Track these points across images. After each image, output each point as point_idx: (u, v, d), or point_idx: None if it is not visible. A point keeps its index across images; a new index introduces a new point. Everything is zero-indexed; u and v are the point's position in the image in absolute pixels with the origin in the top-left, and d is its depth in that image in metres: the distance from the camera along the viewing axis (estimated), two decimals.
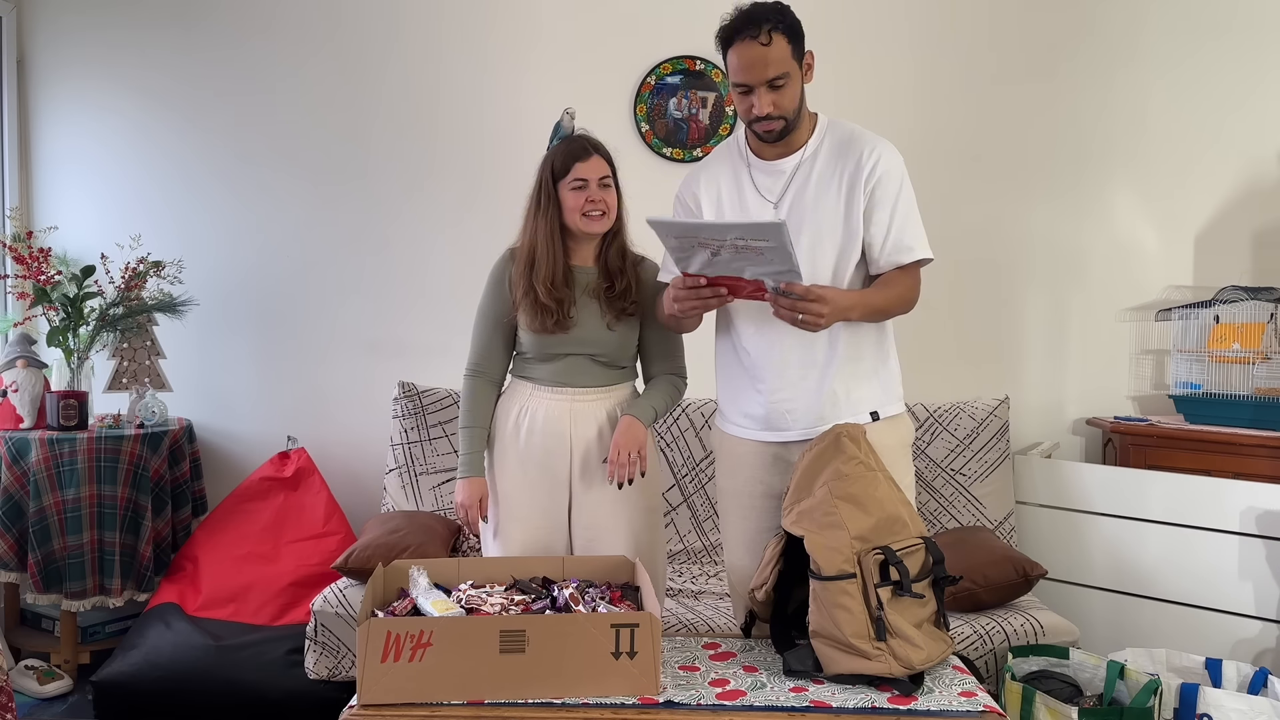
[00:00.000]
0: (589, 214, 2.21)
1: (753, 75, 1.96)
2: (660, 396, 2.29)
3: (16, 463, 3.13)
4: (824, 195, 2.05)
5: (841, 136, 2.09)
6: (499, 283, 2.29)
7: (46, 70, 3.67)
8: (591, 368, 2.24)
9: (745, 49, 1.95)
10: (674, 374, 2.34)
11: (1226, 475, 2.94)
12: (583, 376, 2.24)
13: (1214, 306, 3.24)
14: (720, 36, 2.01)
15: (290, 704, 2.84)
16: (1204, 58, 3.47)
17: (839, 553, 1.83)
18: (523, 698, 1.70)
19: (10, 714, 2.23)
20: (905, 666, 1.80)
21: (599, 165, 2.22)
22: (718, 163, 2.19)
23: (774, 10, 1.98)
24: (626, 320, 2.25)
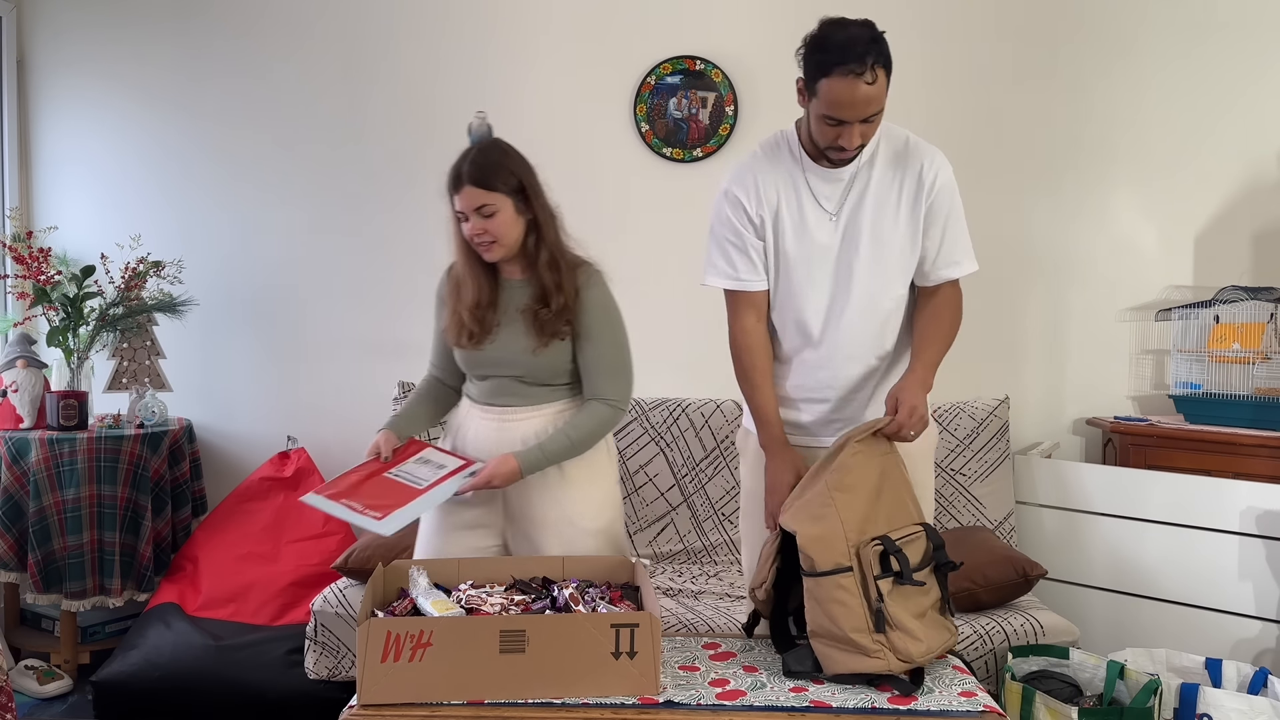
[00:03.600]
0: (481, 247, 2.08)
1: (851, 114, 1.87)
2: (560, 438, 2.08)
3: (16, 463, 3.13)
4: (885, 206, 2.03)
5: (897, 145, 2.06)
6: (440, 299, 2.22)
7: (46, 70, 3.67)
8: (520, 387, 2.13)
9: (847, 86, 1.84)
10: (604, 400, 2.12)
11: (1226, 475, 2.93)
12: (511, 396, 2.13)
13: (1214, 306, 3.24)
14: (814, 59, 1.88)
15: (290, 704, 2.84)
16: (1204, 57, 3.47)
17: (833, 546, 1.80)
18: (523, 698, 1.70)
19: (10, 714, 2.23)
20: (904, 660, 1.79)
21: (471, 196, 2.05)
22: (771, 165, 2.09)
23: (874, 40, 1.88)
24: (557, 344, 2.09)
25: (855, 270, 2.03)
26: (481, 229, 2.06)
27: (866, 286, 2.04)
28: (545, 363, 2.10)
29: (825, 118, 1.90)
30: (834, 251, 2.04)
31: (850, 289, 2.04)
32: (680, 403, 3.41)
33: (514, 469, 2.04)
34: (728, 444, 3.35)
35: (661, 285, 3.63)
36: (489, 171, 2.07)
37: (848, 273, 2.04)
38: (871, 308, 2.05)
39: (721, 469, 3.33)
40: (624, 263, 3.61)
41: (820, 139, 1.96)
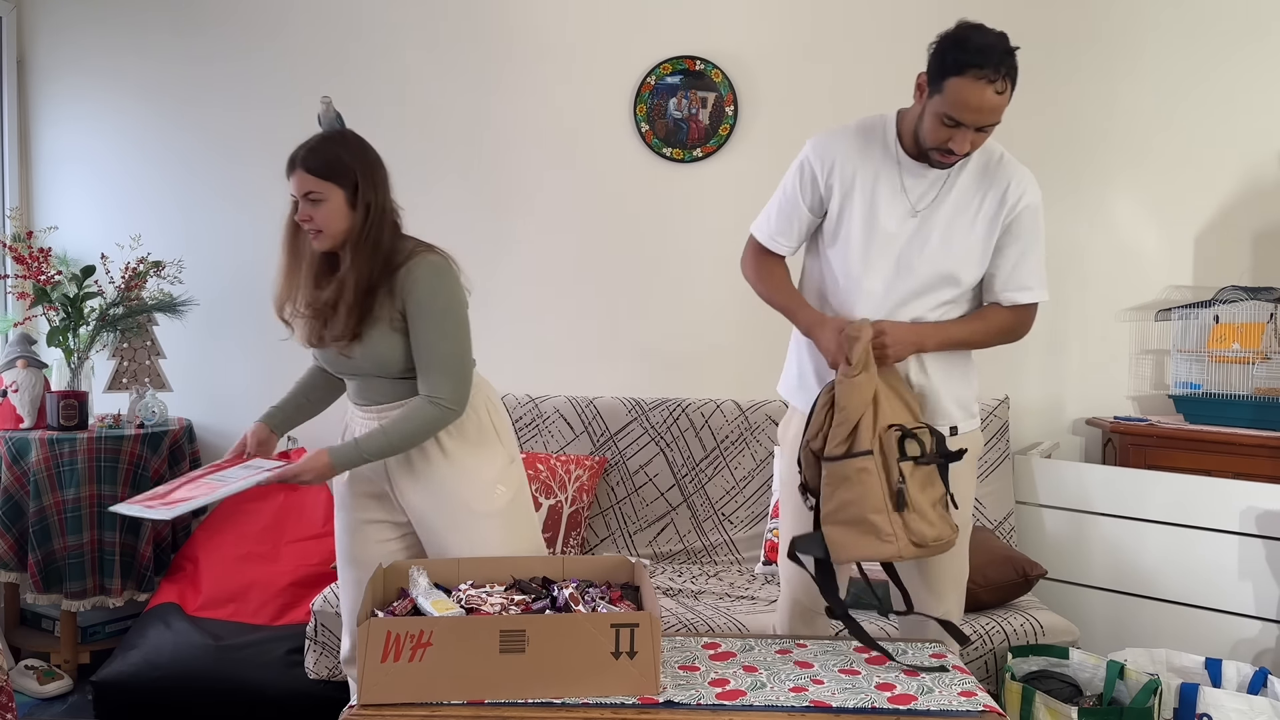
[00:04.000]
0: (311, 235, 2.04)
1: (973, 119, 1.88)
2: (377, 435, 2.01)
3: (16, 463, 3.13)
4: (962, 213, 2.03)
5: (990, 157, 2.06)
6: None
7: (46, 70, 3.67)
8: (381, 385, 2.08)
9: (975, 90, 1.85)
10: (430, 398, 2.01)
11: (1226, 475, 2.93)
12: (378, 394, 2.09)
13: (1214, 306, 3.24)
14: (949, 56, 1.88)
15: (290, 704, 2.84)
16: (1204, 57, 3.47)
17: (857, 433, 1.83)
18: (523, 698, 1.70)
19: (10, 714, 2.23)
20: (918, 544, 1.81)
21: (301, 180, 2.00)
22: (860, 146, 2.06)
23: (1009, 53, 1.89)
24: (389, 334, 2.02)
25: (916, 267, 2.04)
26: (308, 215, 2.02)
27: (917, 285, 2.04)
28: (376, 356, 2.03)
29: (944, 116, 1.90)
30: (900, 242, 2.04)
31: (903, 283, 2.04)
32: (680, 403, 3.41)
33: (326, 464, 2.00)
34: (728, 444, 3.35)
35: (661, 285, 3.63)
36: (323, 159, 2.01)
37: (908, 267, 2.04)
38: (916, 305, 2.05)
39: (721, 469, 3.33)
40: (624, 263, 3.63)
41: (930, 137, 1.95)
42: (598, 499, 3.33)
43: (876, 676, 1.85)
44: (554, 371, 3.63)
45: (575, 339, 3.64)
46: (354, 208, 2.02)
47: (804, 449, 1.99)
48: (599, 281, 3.63)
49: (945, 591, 2.19)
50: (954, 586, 2.20)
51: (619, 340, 3.64)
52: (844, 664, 1.92)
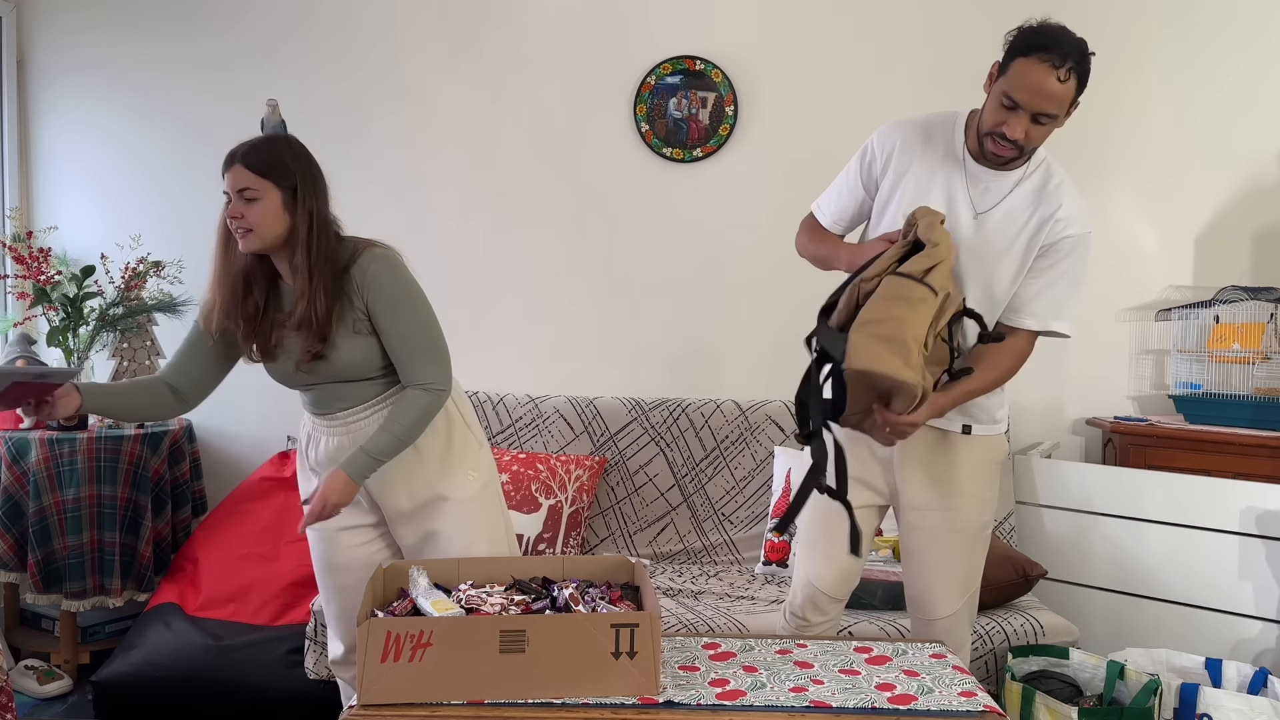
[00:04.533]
0: (234, 228, 1.97)
1: (1030, 100, 1.89)
2: (383, 436, 1.99)
3: (16, 463, 3.13)
4: (1010, 224, 2.03)
5: (1049, 179, 2.05)
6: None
7: (46, 70, 3.67)
8: (343, 391, 2.05)
9: (1038, 71, 1.87)
10: (420, 385, 2.01)
11: (1226, 475, 2.94)
12: (340, 400, 2.06)
13: (1214, 306, 3.24)
14: (1018, 39, 1.93)
15: (290, 704, 2.84)
16: (1204, 57, 3.47)
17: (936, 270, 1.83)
18: (523, 698, 1.70)
19: (10, 714, 2.23)
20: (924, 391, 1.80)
21: (239, 176, 1.95)
22: (928, 141, 2.06)
23: (1081, 50, 1.91)
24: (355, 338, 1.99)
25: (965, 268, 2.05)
26: (240, 212, 1.96)
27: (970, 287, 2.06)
28: (339, 365, 2.00)
29: (1005, 96, 1.91)
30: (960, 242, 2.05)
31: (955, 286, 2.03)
32: (680, 403, 3.41)
33: (345, 480, 1.97)
34: (728, 444, 3.35)
35: (661, 285, 3.63)
36: (264, 157, 1.97)
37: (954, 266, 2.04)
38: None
39: (721, 469, 3.33)
40: (624, 262, 3.63)
41: (988, 119, 1.96)
42: (598, 499, 3.33)
43: (876, 676, 1.85)
44: (554, 371, 3.63)
45: (575, 339, 3.64)
46: (291, 212, 1.98)
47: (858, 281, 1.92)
48: (599, 281, 3.63)
49: (951, 595, 2.16)
50: (961, 589, 2.16)
51: (619, 340, 3.64)
52: (844, 664, 1.92)
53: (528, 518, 3.13)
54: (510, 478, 3.18)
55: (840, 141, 3.56)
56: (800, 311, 3.58)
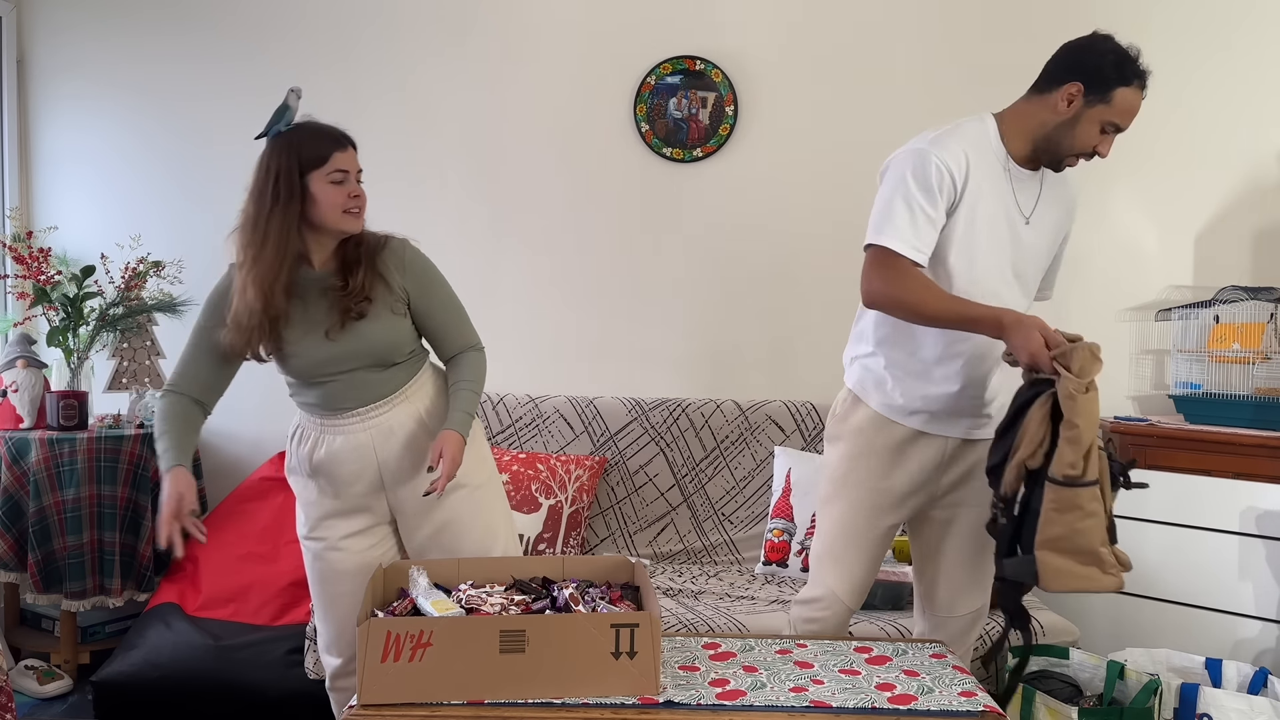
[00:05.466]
0: (351, 210, 1.99)
1: (1127, 122, 2.02)
2: (468, 393, 2.08)
3: (16, 463, 3.13)
4: (1047, 218, 2.13)
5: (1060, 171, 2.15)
6: (219, 301, 2.08)
7: (46, 70, 3.67)
8: (367, 378, 2.06)
9: (1137, 99, 2.01)
10: (473, 347, 2.15)
11: (1226, 475, 2.93)
12: (369, 391, 2.06)
13: (1214, 306, 3.24)
14: (1122, 68, 2.00)
15: (290, 704, 2.84)
16: (1204, 57, 3.47)
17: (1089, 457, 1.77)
18: (523, 698, 1.70)
19: (10, 714, 2.23)
20: (1126, 570, 1.79)
21: (355, 157, 2.02)
22: (978, 152, 2.05)
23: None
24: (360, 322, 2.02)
25: (1023, 273, 2.12)
26: (360, 192, 2.01)
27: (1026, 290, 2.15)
28: (382, 340, 2.04)
29: (1107, 123, 2.01)
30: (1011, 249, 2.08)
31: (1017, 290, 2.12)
32: (680, 403, 3.41)
33: (459, 438, 2.02)
34: (728, 444, 3.35)
35: (661, 285, 3.63)
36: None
37: (1020, 274, 2.12)
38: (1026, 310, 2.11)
39: (721, 469, 3.33)
40: (624, 263, 3.63)
41: (1083, 143, 2.03)
42: (598, 499, 3.33)
43: (876, 676, 1.85)
44: (554, 371, 3.63)
45: (575, 339, 3.64)
46: None
47: (1015, 464, 1.88)
48: (599, 281, 3.63)
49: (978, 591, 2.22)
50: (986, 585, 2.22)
51: (619, 340, 3.64)
52: (844, 664, 1.92)
53: (528, 518, 3.13)
54: (510, 478, 3.18)
55: (840, 141, 3.57)
56: (800, 311, 3.58)
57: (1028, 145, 2.07)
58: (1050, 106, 2.04)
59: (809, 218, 3.59)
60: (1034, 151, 2.08)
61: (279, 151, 1.98)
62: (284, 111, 2.04)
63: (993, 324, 1.93)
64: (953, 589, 2.20)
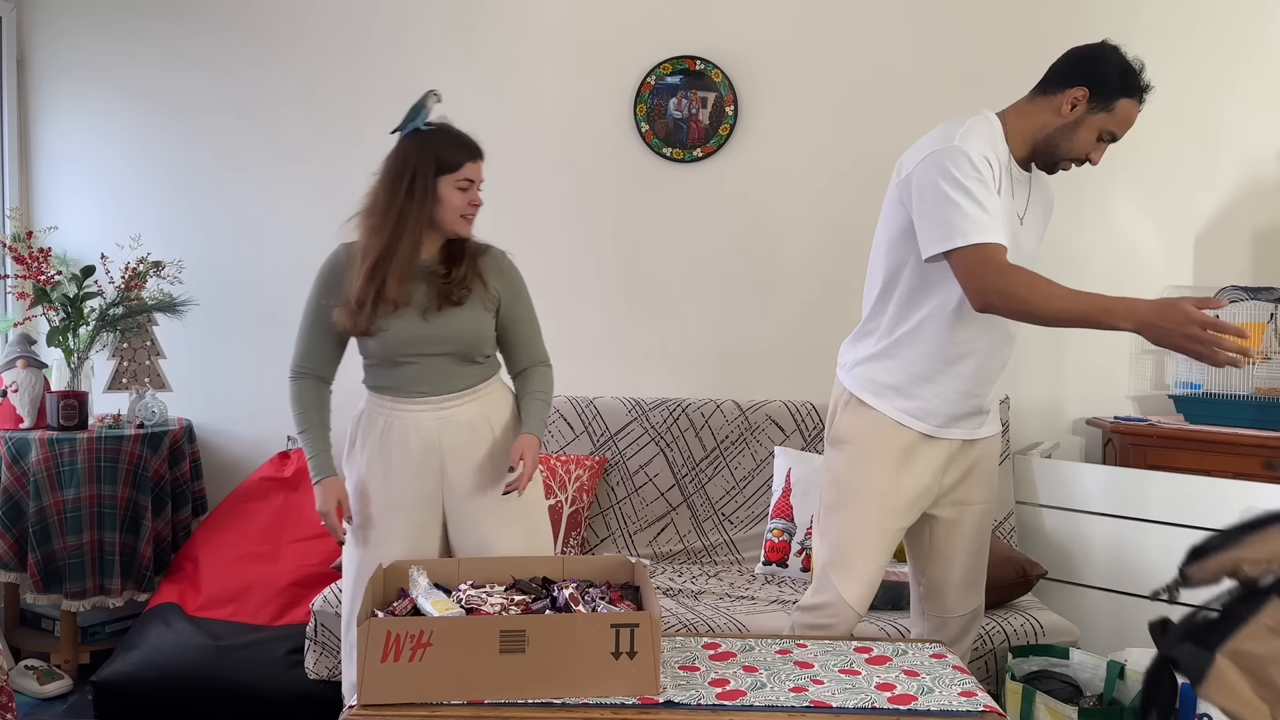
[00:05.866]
0: (468, 216, 2.13)
1: (1123, 133, 2.05)
2: (541, 403, 2.21)
3: (16, 463, 3.13)
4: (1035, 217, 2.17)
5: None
6: (335, 278, 2.15)
7: (46, 70, 3.67)
8: (449, 367, 2.14)
9: (1136, 110, 2.03)
10: (541, 364, 2.27)
11: (1226, 475, 2.93)
12: (446, 381, 2.14)
13: None
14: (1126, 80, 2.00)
15: (290, 704, 2.84)
16: (1204, 57, 3.47)
17: None
18: (523, 698, 1.70)
19: (10, 714, 2.23)
20: None
21: (482, 168, 2.15)
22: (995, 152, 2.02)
23: None
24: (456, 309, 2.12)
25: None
26: (480, 202, 2.15)
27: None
28: (469, 331, 2.13)
29: (1105, 132, 2.03)
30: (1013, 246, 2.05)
31: None
32: (680, 403, 3.41)
33: (537, 442, 2.15)
34: (728, 444, 3.35)
35: (661, 285, 3.63)
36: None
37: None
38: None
39: (721, 469, 3.33)
40: (623, 263, 3.63)
41: (1081, 148, 2.05)
42: (598, 499, 3.33)
43: (876, 676, 1.85)
44: (554, 371, 3.62)
45: (575, 339, 3.63)
46: None
47: (1230, 561, 1.77)
48: (599, 281, 3.63)
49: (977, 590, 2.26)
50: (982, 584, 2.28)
51: (619, 340, 3.64)
52: (844, 664, 1.92)
53: None
54: None
55: (840, 141, 3.57)
56: (800, 311, 3.58)
57: (1026, 146, 2.08)
58: (1054, 109, 2.04)
59: (809, 218, 3.59)
60: (1031, 153, 2.09)
61: (417, 149, 2.09)
62: (419, 110, 2.13)
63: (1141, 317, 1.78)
64: (954, 588, 2.21)
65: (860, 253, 3.62)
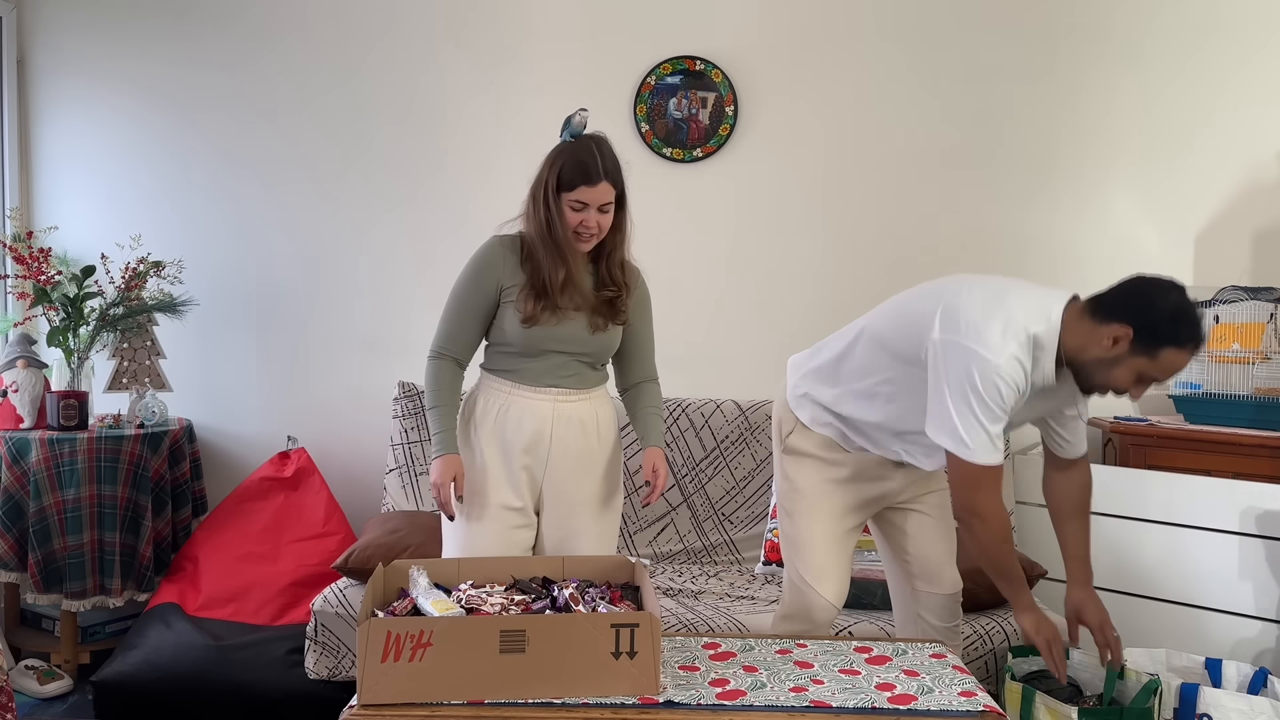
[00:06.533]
0: (579, 234, 2.18)
1: (1167, 378, 1.98)
2: (659, 418, 2.34)
3: (17, 463, 3.13)
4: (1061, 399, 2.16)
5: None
6: (487, 268, 2.22)
7: (46, 70, 3.67)
8: (576, 368, 2.23)
9: (1184, 359, 1.92)
10: (653, 380, 2.37)
11: (1226, 475, 2.93)
12: (568, 378, 2.22)
13: (1214, 306, 3.24)
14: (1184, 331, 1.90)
15: (290, 704, 2.84)
16: (1204, 57, 3.47)
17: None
18: (523, 698, 1.70)
19: (10, 714, 2.23)
20: None
21: (604, 192, 2.16)
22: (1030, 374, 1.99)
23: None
24: (614, 328, 2.26)
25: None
26: (594, 222, 2.16)
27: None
28: (605, 342, 2.24)
29: (1147, 376, 1.95)
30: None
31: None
32: (680, 403, 3.41)
33: (662, 453, 2.28)
34: (728, 444, 3.35)
35: (661, 285, 3.62)
36: (619, 171, 2.20)
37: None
38: None
39: (721, 469, 3.33)
40: None
41: (1114, 383, 1.97)
42: None
43: (876, 676, 1.85)
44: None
45: None
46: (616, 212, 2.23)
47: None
48: None
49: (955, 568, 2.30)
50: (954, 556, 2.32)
51: None
52: (844, 664, 1.92)
53: None
54: None
55: (840, 141, 3.57)
56: (800, 311, 3.58)
57: (1067, 357, 2.00)
58: (1097, 339, 1.95)
59: (809, 218, 3.59)
60: (1070, 366, 2.00)
61: (552, 162, 2.18)
62: (567, 124, 2.22)
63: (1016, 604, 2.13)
64: (943, 563, 2.27)
65: (860, 252, 3.64)
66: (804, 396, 2.28)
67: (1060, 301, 2.00)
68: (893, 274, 3.39)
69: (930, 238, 3.54)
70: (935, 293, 2.07)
